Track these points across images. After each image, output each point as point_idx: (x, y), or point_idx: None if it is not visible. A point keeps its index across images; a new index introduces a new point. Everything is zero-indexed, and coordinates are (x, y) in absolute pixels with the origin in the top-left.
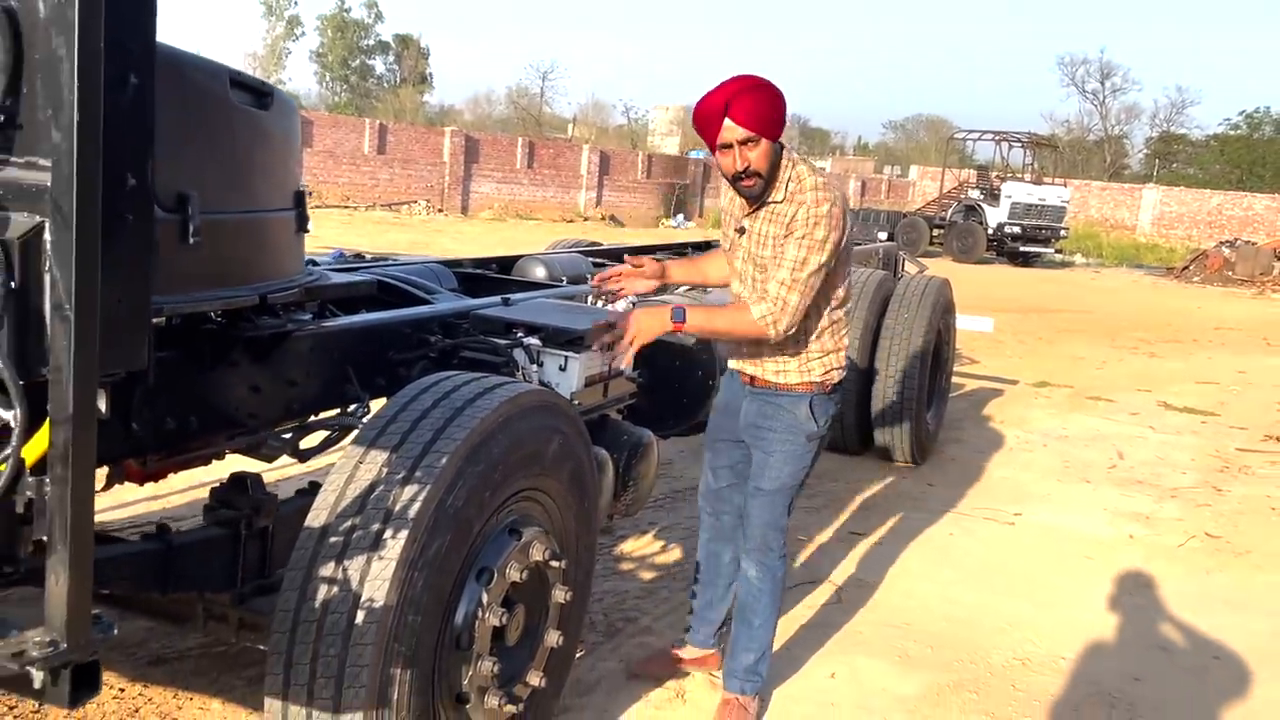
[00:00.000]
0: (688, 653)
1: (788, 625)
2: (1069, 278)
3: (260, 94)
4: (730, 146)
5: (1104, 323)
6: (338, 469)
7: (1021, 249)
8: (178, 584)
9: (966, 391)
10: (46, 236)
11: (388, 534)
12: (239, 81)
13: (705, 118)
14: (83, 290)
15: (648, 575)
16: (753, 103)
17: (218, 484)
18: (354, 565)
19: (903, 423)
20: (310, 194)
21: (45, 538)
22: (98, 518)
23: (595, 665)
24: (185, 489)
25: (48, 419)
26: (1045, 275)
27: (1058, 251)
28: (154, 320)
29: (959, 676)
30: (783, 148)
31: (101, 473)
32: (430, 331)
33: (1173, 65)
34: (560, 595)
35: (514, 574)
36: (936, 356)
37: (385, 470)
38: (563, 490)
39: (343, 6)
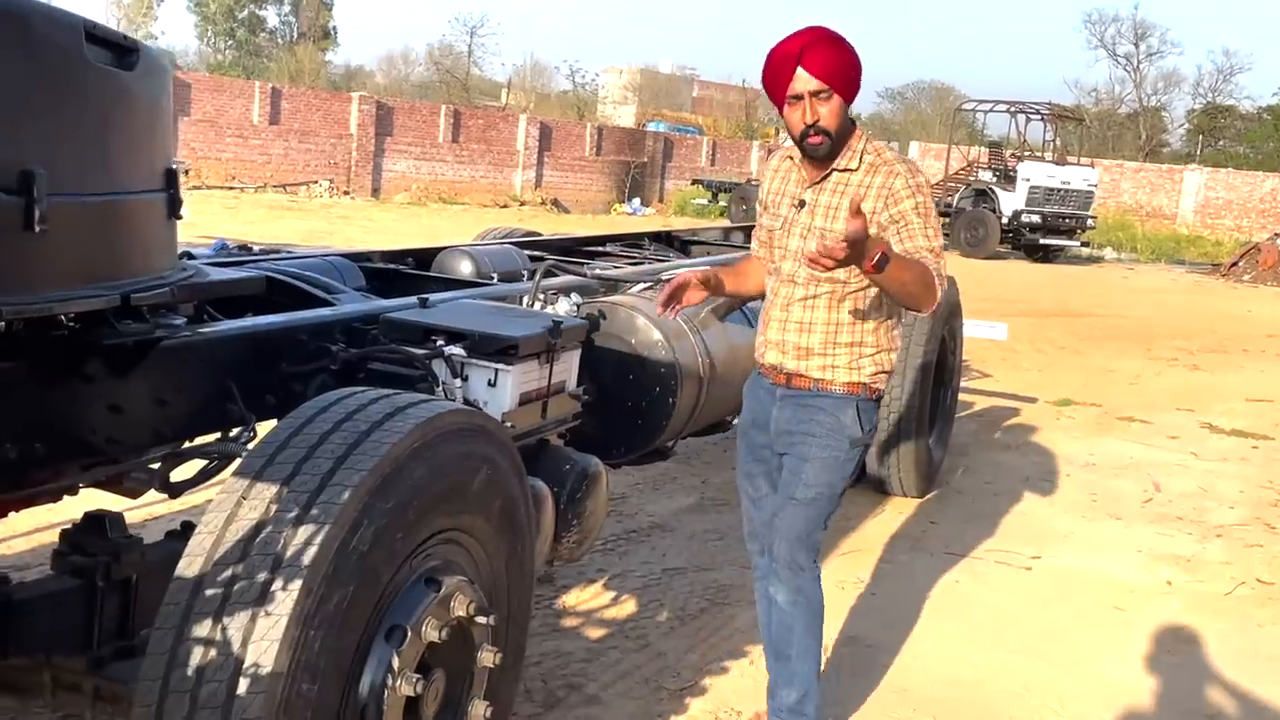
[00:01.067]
0: None
1: (760, 691)
2: (1097, 275)
3: (123, 51)
4: (801, 98)
5: (1138, 329)
6: (216, 507)
7: (1041, 241)
8: (18, 647)
9: (976, 411)
10: None
11: (277, 585)
12: (96, 36)
13: (777, 64)
14: None
15: (595, 633)
16: (830, 53)
17: (70, 525)
18: (235, 624)
19: (901, 449)
20: (186, 172)
21: None
22: None
23: None
24: (30, 531)
25: None
26: (1069, 273)
27: (1084, 245)
28: None
29: None
30: (854, 123)
31: None
32: (331, 339)
33: (1219, 25)
34: (488, 658)
35: (431, 633)
36: (940, 370)
37: (274, 508)
38: (491, 531)
39: None
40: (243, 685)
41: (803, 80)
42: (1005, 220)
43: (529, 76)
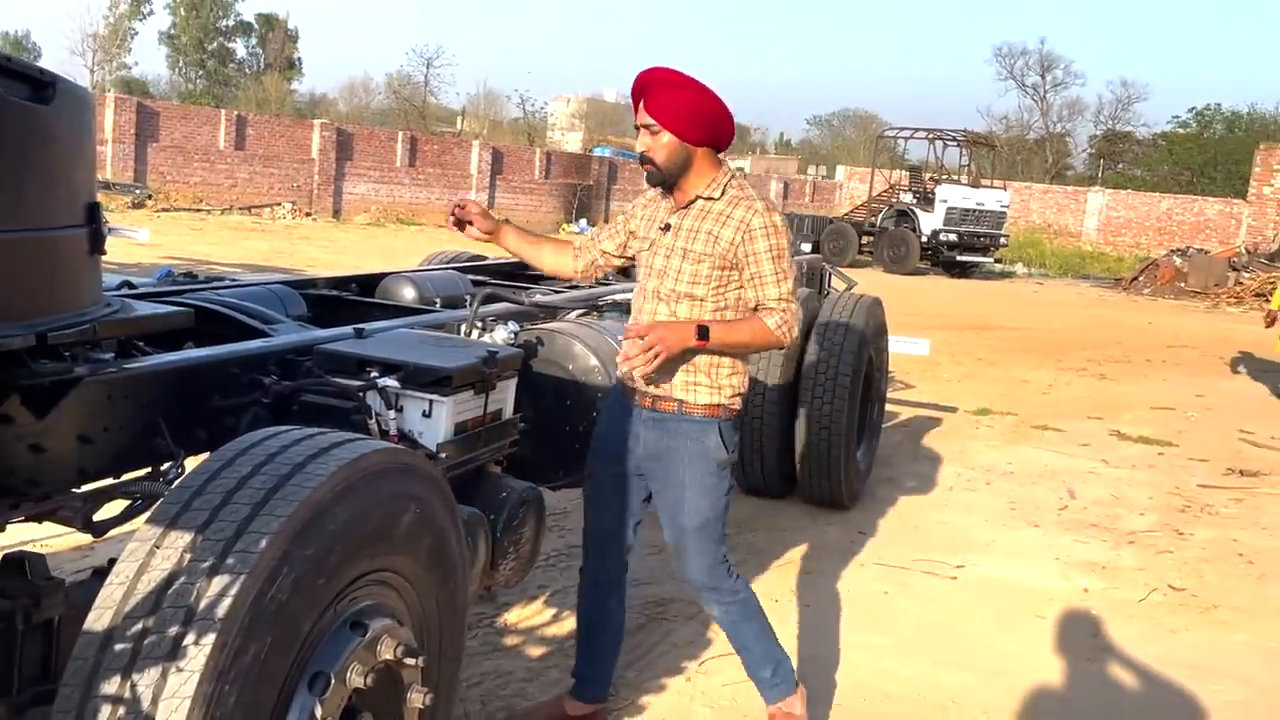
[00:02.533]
0: (575, 708)
1: (703, 707)
2: (1010, 290)
3: (39, 85)
4: (640, 130)
5: (1049, 341)
6: (128, 555)
7: (958, 258)
8: None
9: (900, 421)
10: None
11: (189, 639)
12: (9, 69)
13: (632, 95)
14: None
15: (536, 651)
16: (664, 94)
17: None
18: (145, 680)
19: (829, 463)
20: (150, 197)
21: None
22: None
23: None
24: None
25: None
26: (984, 287)
27: (997, 261)
28: None
29: None
30: (721, 163)
31: None
32: (264, 371)
33: (1118, 58)
34: (418, 699)
35: (356, 679)
36: (867, 385)
37: (189, 557)
38: (421, 570)
39: None
40: None
41: (640, 114)
42: (925, 239)
43: (482, 105)
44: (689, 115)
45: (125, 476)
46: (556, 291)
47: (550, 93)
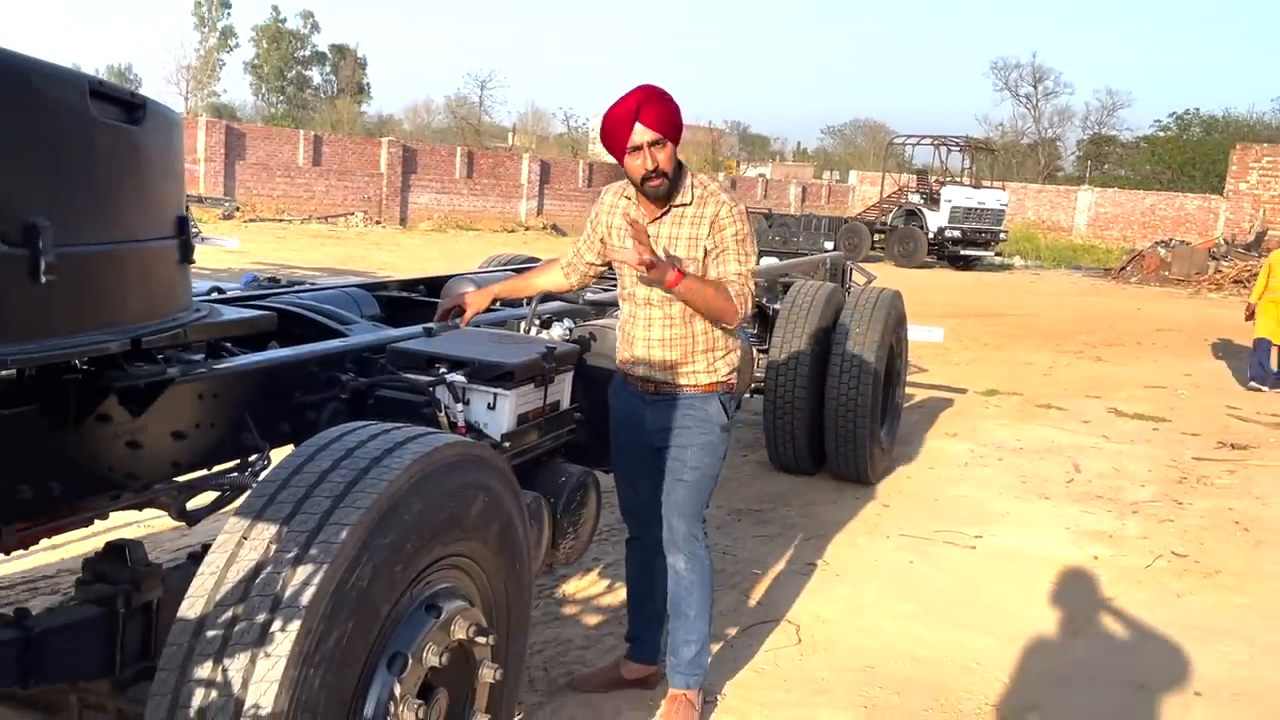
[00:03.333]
0: (630, 670)
1: (747, 672)
2: (1009, 280)
3: (130, 106)
4: (640, 149)
5: (1047, 326)
6: (218, 547)
7: (962, 253)
8: (41, 676)
9: (917, 402)
10: None
11: (276, 626)
12: (102, 93)
13: (617, 122)
14: None
15: (592, 620)
16: (660, 108)
17: (91, 554)
18: (236, 665)
19: (856, 442)
20: (237, 209)
21: None
22: None
23: None
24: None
25: None
26: (986, 279)
27: (997, 254)
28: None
29: None
30: (682, 163)
31: None
32: (342, 369)
33: (1103, 69)
34: (489, 675)
35: (432, 658)
36: (889, 371)
37: (274, 548)
38: (490, 553)
39: (277, 17)
40: None
41: (640, 133)
42: (931, 235)
43: (531, 122)
44: (678, 120)
45: (216, 469)
46: (606, 290)
47: (591, 109)
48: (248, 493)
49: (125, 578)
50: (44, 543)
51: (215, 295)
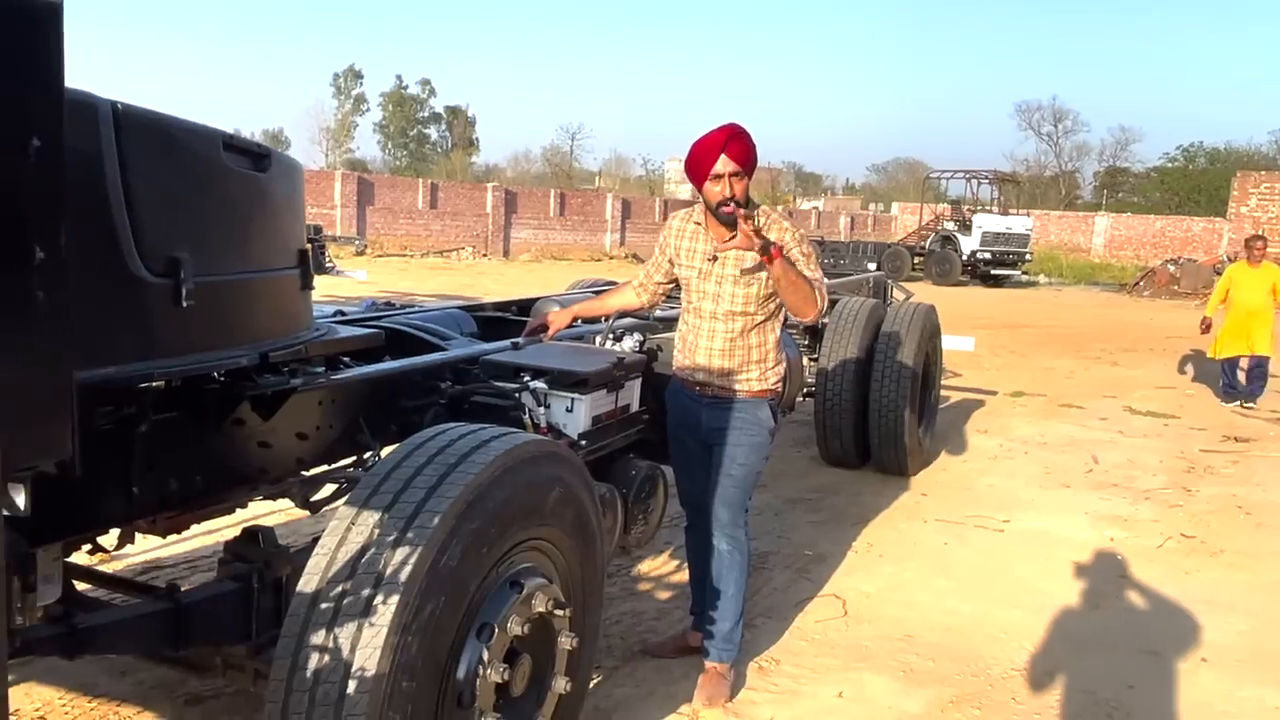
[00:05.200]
0: (695, 639)
1: (798, 640)
2: (1035, 296)
3: (257, 157)
4: (721, 177)
5: (1069, 336)
6: (330, 531)
7: (992, 272)
8: (189, 640)
9: (951, 404)
10: None
11: (378, 599)
12: (234, 145)
13: (704, 151)
14: None
15: (664, 595)
16: (744, 145)
17: (232, 538)
18: (344, 633)
19: (897, 438)
20: (366, 247)
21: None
22: (114, 567)
23: (611, 691)
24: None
25: None
26: (1014, 294)
27: (1024, 273)
28: (150, 384)
29: (961, 691)
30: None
31: (112, 535)
32: (441, 378)
33: (1117, 108)
34: (567, 643)
35: (515, 628)
36: (926, 375)
37: (377, 532)
38: (566, 537)
39: (401, 84)
40: (351, 686)
41: (723, 164)
42: (965, 257)
43: (614, 166)
44: (756, 158)
45: (335, 465)
46: (673, 308)
47: (666, 154)
48: (356, 485)
49: (259, 557)
50: (197, 528)
51: (338, 317)
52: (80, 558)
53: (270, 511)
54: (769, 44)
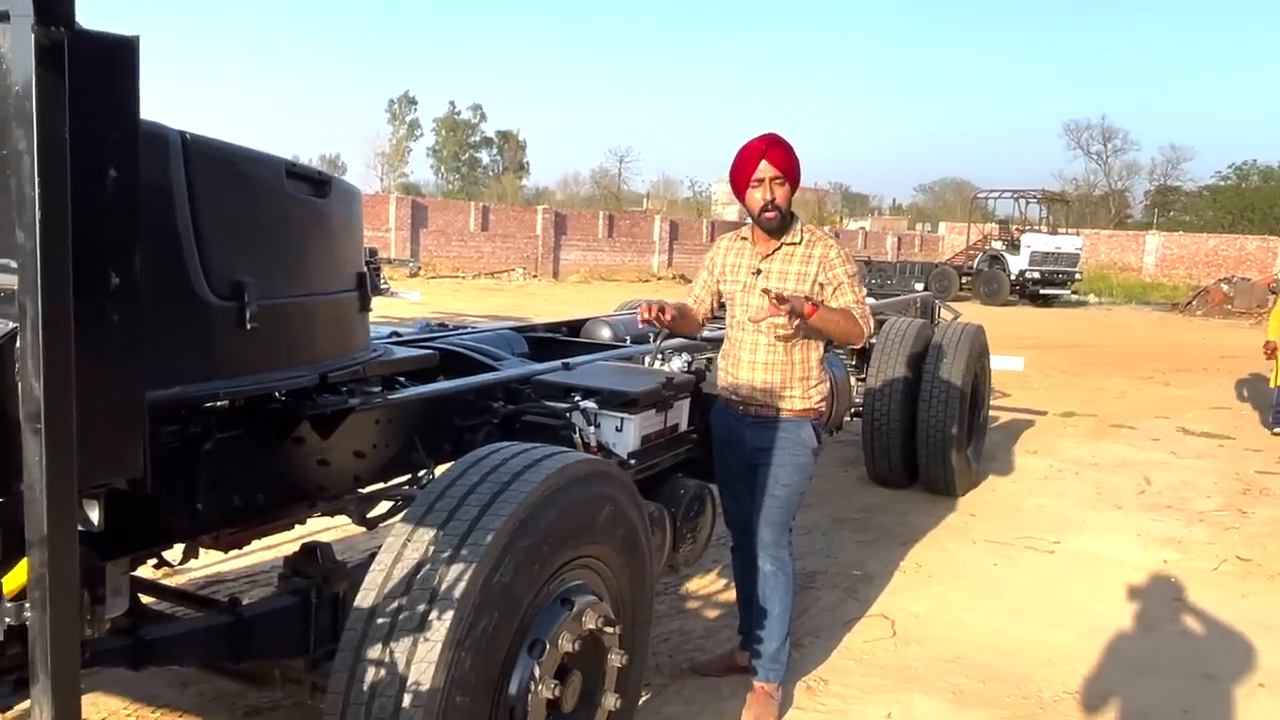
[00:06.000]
0: (743, 657)
1: (847, 660)
2: (1085, 315)
3: (318, 184)
4: (763, 182)
5: (1120, 355)
6: (386, 547)
7: (1041, 291)
8: (249, 653)
9: (1001, 424)
10: (18, 343)
11: (433, 615)
12: (295, 173)
13: (745, 158)
14: (54, 400)
15: (712, 614)
16: (785, 152)
17: (291, 554)
18: (400, 647)
19: (945, 458)
20: (422, 268)
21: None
22: (177, 582)
23: (660, 709)
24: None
25: None
26: (1063, 314)
27: (1073, 293)
28: (214, 403)
29: (1012, 713)
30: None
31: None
32: (494, 398)
33: (1167, 127)
34: (616, 659)
35: (566, 644)
36: (974, 396)
37: (432, 549)
38: (616, 555)
39: (454, 110)
40: (406, 700)
41: (764, 169)
42: (1013, 277)
43: (662, 188)
44: (799, 169)
45: (391, 482)
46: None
47: (713, 175)
48: (412, 501)
49: (317, 573)
50: (258, 543)
51: (394, 338)
52: (145, 571)
53: (328, 527)
54: (816, 66)
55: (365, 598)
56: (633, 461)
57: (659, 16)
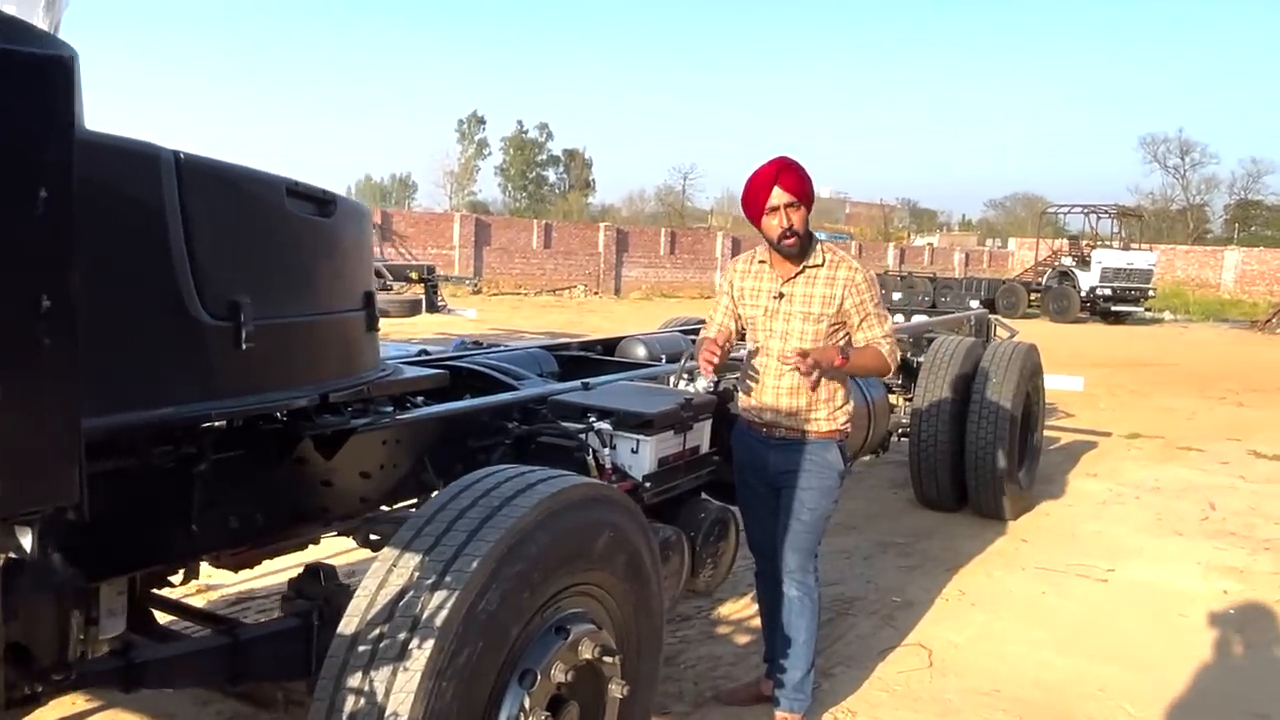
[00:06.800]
0: (768, 687)
1: (879, 691)
2: (1158, 333)
3: (322, 203)
4: (778, 209)
5: (1192, 375)
6: (372, 573)
7: (1113, 308)
8: (247, 676)
9: (1061, 445)
10: None
11: (414, 643)
12: (297, 192)
13: (757, 187)
14: None
15: (743, 640)
16: (797, 176)
17: (295, 575)
18: (380, 676)
19: (995, 481)
20: (481, 285)
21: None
22: (208, 598)
23: None
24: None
25: None
26: (1136, 332)
27: (1147, 310)
28: (207, 424)
29: None
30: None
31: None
32: (509, 418)
33: (1248, 139)
34: (617, 690)
35: (559, 675)
36: (1026, 417)
37: (416, 575)
38: (618, 582)
39: (521, 129)
40: None
41: (779, 196)
42: (1083, 294)
43: (726, 205)
44: (811, 188)
45: (400, 504)
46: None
47: None
48: (402, 525)
49: (320, 594)
50: (291, 560)
51: (423, 357)
52: (179, 590)
53: (346, 550)
54: (881, 81)
55: (348, 624)
56: (648, 484)
57: (724, 33)
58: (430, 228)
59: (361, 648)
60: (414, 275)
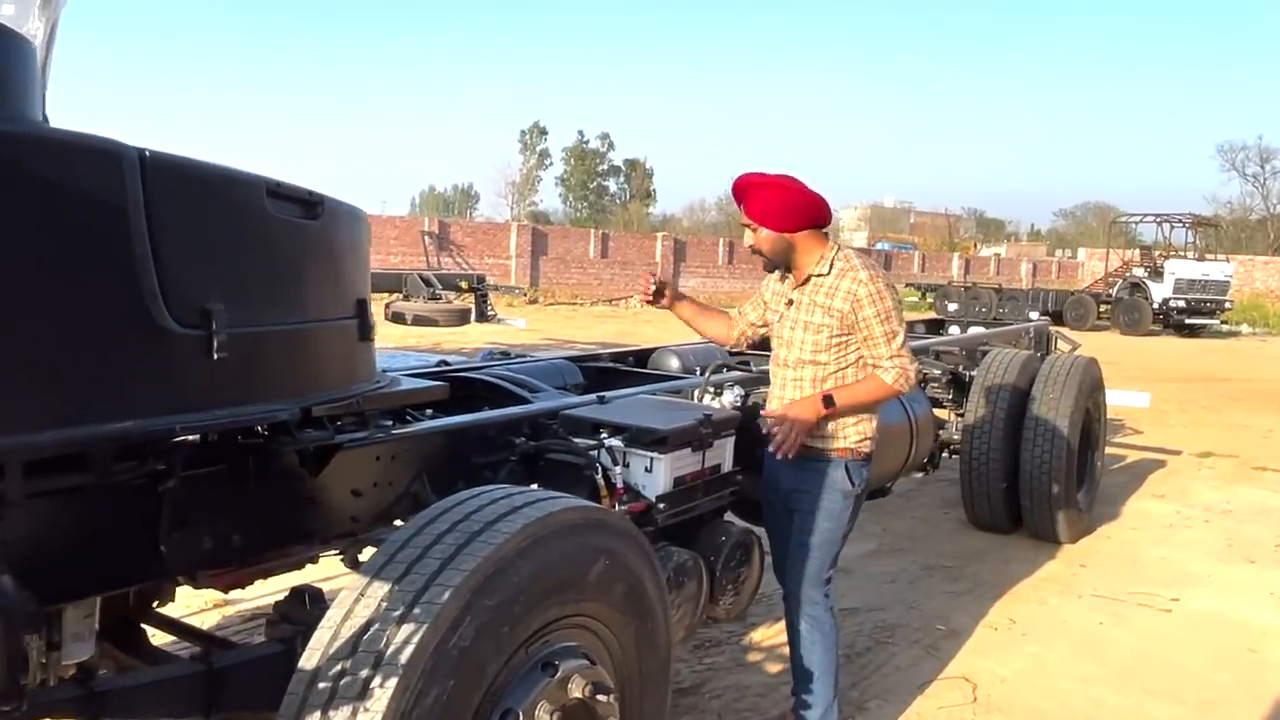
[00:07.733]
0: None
1: None
2: (1234, 347)
3: (307, 204)
4: (746, 226)
5: (1271, 391)
6: (338, 603)
7: (1187, 321)
8: (222, 707)
9: (1128, 464)
10: None
11: (376, 682)
12: (279, 193)
13: (734, 192)
14: None
15: (774, 668)
16: (758, 199)
17: (280, 599)
18: (339, 716)
19: (1052, 501)
20: (539, 295)
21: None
22: (224, 613)
23: None
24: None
25: None
26: (1210, 345)
27: (1223, 323)
28: (174, 439)
29: None
30: (827, 236)
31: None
32: (517, 433)
33: None
34: None
35: (544, 716)
36: (1086, 434)
37: (384, 606)
38: (616, 614)
39: (582, 139)
40: None
41: (743, 214)
42: (1156, 306)
43: None
44: (776, 210)
45: (395, 524)
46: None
47: (841, 201)
48: (373, 551)
49: (305, 619)
50: (314, 575)
51: (441, 368)
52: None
53: (342, 573)
54: (950, 90)
55: (309, 659)
56: (662, 505)
57: (786, 43)
58: (487, 237)
59: (322, 685)
60: (464, 284)
